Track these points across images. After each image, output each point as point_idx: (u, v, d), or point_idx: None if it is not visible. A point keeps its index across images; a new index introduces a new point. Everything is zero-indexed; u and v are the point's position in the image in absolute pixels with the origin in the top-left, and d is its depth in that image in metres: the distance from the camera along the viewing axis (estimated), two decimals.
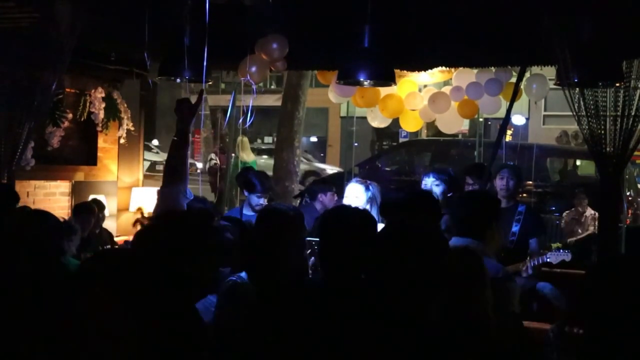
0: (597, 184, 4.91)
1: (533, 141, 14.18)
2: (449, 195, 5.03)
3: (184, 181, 3.32)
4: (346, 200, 4.60)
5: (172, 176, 3.33)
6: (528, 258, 4.98)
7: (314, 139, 30.49)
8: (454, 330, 2.40)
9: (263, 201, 5.28)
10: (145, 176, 8.91)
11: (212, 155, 12.91)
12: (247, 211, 5.44)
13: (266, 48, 5.49)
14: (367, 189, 4.60)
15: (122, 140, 7.70)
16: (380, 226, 4.44)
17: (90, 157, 7.64)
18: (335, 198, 6.46)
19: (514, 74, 6.94)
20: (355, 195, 4.59)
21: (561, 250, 5.14)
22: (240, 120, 4.93)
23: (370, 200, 4.57)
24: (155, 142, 27.93)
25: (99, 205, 6.55)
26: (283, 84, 14.89)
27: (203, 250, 2.38)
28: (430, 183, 5.03)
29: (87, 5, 4.79)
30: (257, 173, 5.52)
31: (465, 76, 7.21)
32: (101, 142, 7.70)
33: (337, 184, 10.36)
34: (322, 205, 6.32)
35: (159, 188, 3.48)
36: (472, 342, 2.43)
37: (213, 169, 12.54)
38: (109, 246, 6.27)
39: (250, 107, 5.58)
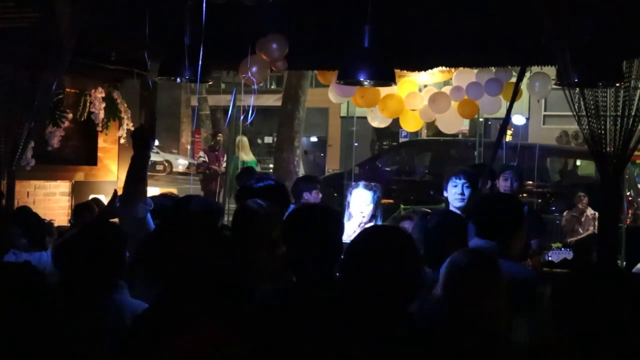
0: (597, 184, 4.90)
1: (533, 141, 14.17)
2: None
3: (143, 198, 3.47)
4: (354, 205, 4.58)
5: (133, 194, 3.47)
6: (528, 259, 4.98)
7: (314, 139, 30.48)
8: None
9: None
10: None
11: (201, 153, 12.89)
12: None
13: (266, 48, 5.49)
14: (374, 193, 4.60)
15: (122, 140, 7.70)
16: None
17: (90, 157, 7.64)
18: (320, 196, 6.43)
19: (514, 74, 6.94)
20: (366, 202, 4.57)
21: (563, 249, 5.12)
22: (242, 118, 4.93)
23: (376, 205, 4.60)
24: (155, 142, 27.83)
25: (98, 204, 6.54)
26: (283, 84, 14.90)
27: None
28: (461, 185, 4.67)
29: (87, 5, 4.78)
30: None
31: (465, 76, 7.21)
32: (101, 142, 7.70)
33: (337, 183, 10.38)
34: None
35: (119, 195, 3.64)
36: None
37: (202, 166, 12.50)
38: None
39: (251, 106, 5.58)
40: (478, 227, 3.31)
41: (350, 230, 4.36)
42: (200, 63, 4.79)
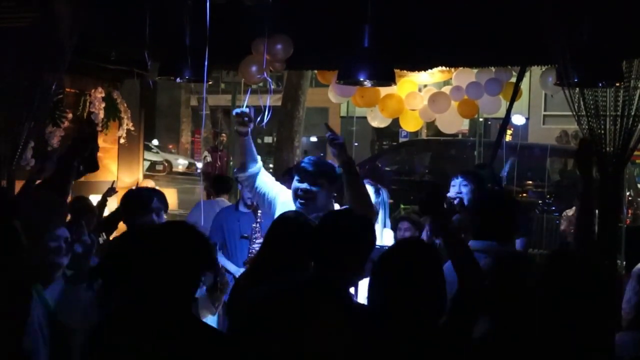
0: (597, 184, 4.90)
1: (533, 141, 14.17)
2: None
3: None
4: None
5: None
6: None
7: (314, 139, 30.49)
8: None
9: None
10: (145, 176, 8.92)
11: (206, 153, 12.86)
12: (242, 208, 5.71)
13: (269, 48, 5.47)
14: (377, 192, 4.62)
15: (122, 140, 7.70)
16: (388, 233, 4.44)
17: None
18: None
19: (514, 74, 6.94)
20: None
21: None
22: (258, 119, 4.96)
23: (380, 204, 4.60)
24: (155, 142, 27.92)
25: (87, 203, 6.45)
26: (283, 84, 14.89)
27: None
28: (458, 184, 4.81)
29: (87, 5, 4.78)
30: None
31: (465, 76, 7.21)
32: (101, 142, 7.67)
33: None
34: None
35: None
36: None
37: (207, 167, 12.45)
38: None
39: (267, 106, 5.58)
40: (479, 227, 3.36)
41: None
42: (206, 63, 4.78)
